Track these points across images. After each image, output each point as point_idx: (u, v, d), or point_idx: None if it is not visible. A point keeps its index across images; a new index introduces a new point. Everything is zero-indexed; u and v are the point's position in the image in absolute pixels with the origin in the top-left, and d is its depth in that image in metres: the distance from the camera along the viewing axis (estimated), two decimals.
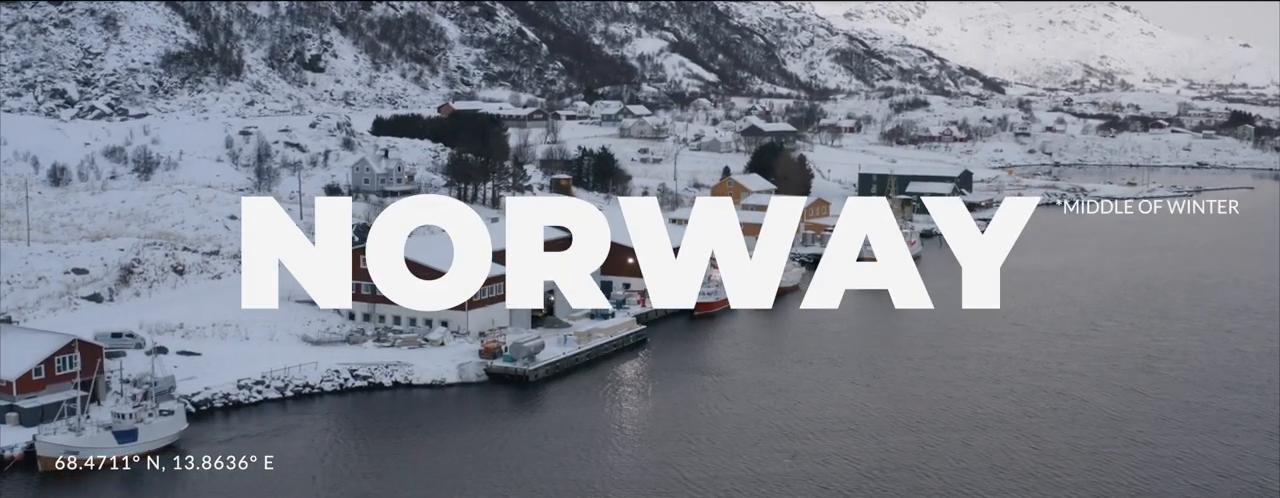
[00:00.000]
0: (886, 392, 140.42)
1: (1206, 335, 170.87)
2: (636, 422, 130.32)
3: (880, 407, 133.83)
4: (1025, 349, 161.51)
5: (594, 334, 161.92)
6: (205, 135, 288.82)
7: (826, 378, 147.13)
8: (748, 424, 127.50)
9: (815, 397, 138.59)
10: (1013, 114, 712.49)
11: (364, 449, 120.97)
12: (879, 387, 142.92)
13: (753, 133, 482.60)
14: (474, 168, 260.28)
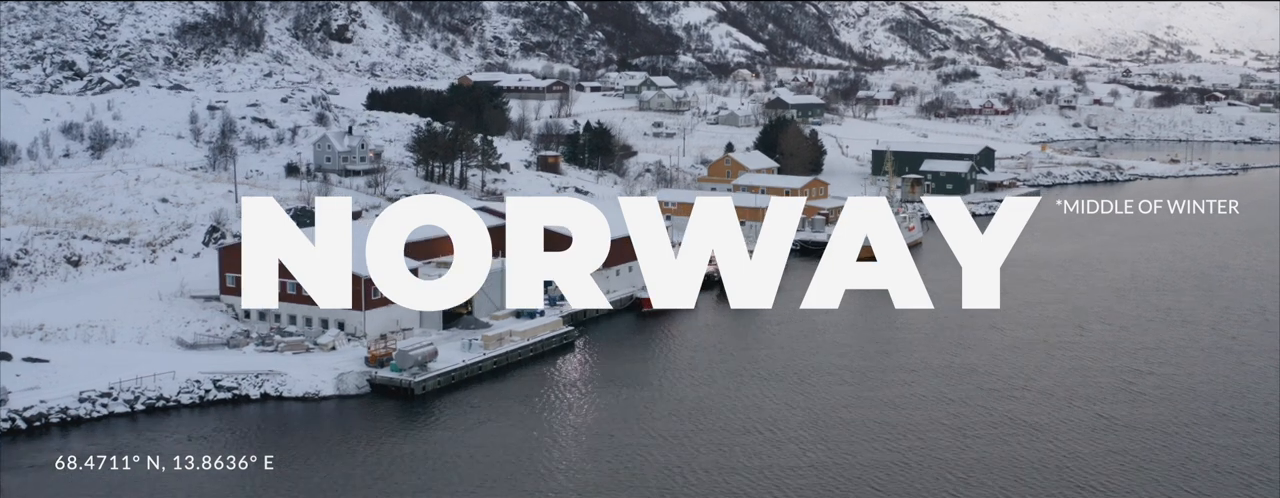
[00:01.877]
0: (806, 419, 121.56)
1: (1208, 343, 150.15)
2: (503, 454, 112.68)
3: (789, 445, 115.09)
4: (993, 360, 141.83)
5: (506, 338, 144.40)
6: (170, 111, 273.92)
7: (750, 399, 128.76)
8: (632, 461, 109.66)
9: (724, 423, 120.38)
10: (1065, 86, 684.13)
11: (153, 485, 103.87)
12: (801, 411, 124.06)
13: (777, 105, 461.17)
14: (440, 145, 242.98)
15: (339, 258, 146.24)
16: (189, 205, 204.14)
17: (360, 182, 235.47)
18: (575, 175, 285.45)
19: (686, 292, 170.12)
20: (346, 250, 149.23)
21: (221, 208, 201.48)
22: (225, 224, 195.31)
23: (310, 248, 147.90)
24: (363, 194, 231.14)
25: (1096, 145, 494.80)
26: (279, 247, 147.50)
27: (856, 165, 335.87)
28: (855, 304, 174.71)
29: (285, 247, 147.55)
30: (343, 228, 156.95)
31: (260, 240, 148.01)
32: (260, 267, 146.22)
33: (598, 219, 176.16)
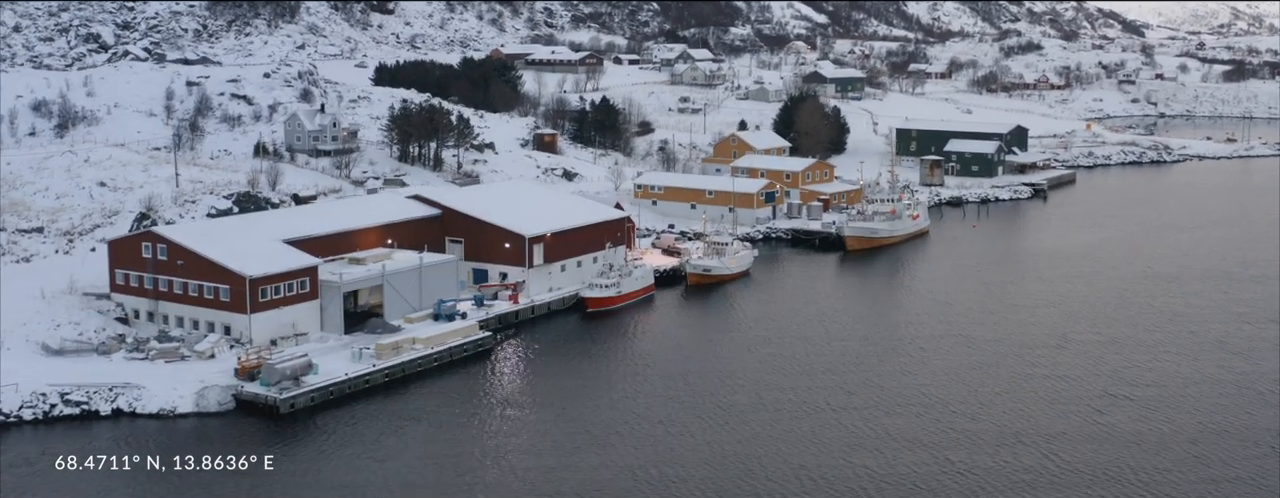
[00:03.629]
0: (696, 460, 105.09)
1: (1209, 361, 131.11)
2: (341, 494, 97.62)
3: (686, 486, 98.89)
4: (947, 380, 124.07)
5: (405, 346, 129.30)
6: (146, 87, 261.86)
7: (645, 431, 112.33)
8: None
9: (627, 458, 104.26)
10: (1132, 59, 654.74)
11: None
12: (693, 448, 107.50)
13: (814, 79, 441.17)
14: (416, 124, 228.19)
15: (223, 253, 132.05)
16: (126, 190, 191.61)
17: (325, 163, 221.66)
18: (573, 155, 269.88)
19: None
20: (238, 244, 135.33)
21: (157, 193, 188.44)
22: (157, 210, 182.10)
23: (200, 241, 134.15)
24: (326, 176, 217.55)
25: (1157, 122, 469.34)
26: (167, 239, 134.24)
27: (884, 144, 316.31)
28: (821, 309, 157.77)
29: (173, 239, 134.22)
30: (249, 220, 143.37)
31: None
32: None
33: (545, 210, 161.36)
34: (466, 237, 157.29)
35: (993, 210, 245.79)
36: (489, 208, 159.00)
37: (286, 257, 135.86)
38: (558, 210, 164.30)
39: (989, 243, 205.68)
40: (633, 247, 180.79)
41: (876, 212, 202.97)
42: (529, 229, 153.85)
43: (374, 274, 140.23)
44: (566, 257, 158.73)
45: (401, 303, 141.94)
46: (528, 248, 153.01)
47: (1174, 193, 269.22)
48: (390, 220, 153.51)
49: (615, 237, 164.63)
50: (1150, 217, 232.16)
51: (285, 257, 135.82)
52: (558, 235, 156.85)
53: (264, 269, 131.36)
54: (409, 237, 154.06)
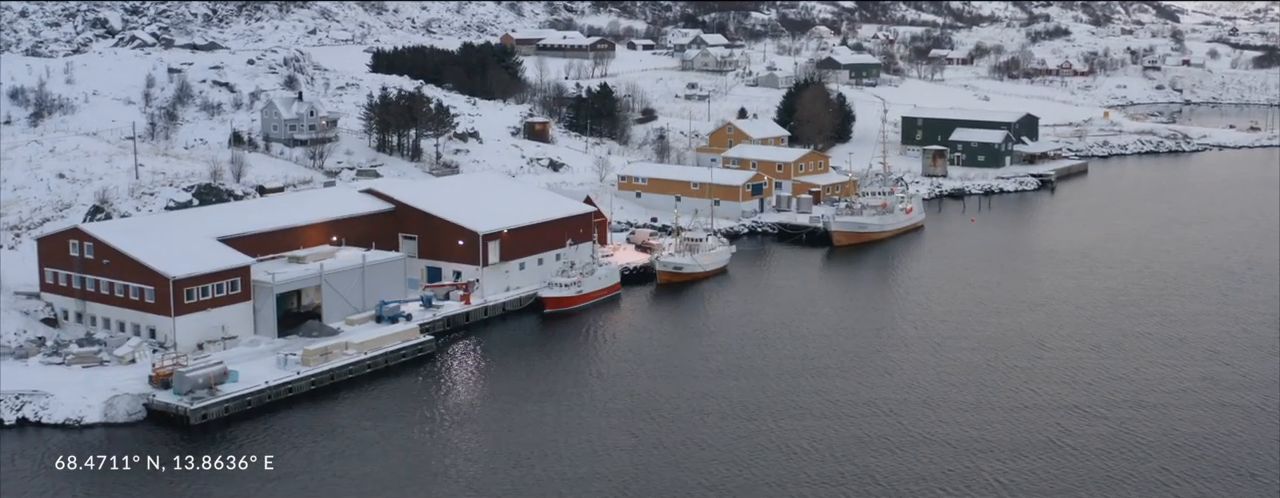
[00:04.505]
0: (627, 479, 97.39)
1: (1194, 374, 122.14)
2: None
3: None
4: (909, 396, 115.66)
5: (335, 352, 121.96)
6: (127, 75, 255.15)
7: (574, 451, 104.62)
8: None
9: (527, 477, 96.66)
10: (1162, 44, 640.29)
11: None
12: (624, 469, 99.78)
13: (828, 66, 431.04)
14: (394, 112, 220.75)
15: (148, 252, 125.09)
16: (85, 181, 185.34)
17: (298, 153, 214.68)
18: (565, 144, 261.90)
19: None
20: (168, 242, 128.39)
21: (116, 185, 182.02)
22: (112, 203, 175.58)
23: (127, 239, 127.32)
24: (299, 167, 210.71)
25: (1182, 109, 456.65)
26: (93, 237, 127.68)
27: (893, 133, 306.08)
28: (793, 311, 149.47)
29: (99, 237, 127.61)
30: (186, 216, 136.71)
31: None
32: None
33: (506, 204, 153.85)
34: (420, 233, 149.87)
35: (996, 203, 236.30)
36: (445, 202, 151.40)
37: (217, 256, 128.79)
38: (520, 205, 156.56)
39: (985, 239, 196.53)
40: (605, 242, 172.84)
41: (866, 205, 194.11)
42: (483, 225, 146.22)
43: (311, 274, 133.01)
44: (526, 254, 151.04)
45: (342, 304, 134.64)
46: (482, 245, 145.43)
47: (1188, 185, 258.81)
48: (338, 216, 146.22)
49: (579, 233, 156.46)
50: (1158, 211, 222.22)
51: (216, 256, 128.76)
52: (516, 232, 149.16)
53: (190, 269, 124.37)
54: (359, 233, 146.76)
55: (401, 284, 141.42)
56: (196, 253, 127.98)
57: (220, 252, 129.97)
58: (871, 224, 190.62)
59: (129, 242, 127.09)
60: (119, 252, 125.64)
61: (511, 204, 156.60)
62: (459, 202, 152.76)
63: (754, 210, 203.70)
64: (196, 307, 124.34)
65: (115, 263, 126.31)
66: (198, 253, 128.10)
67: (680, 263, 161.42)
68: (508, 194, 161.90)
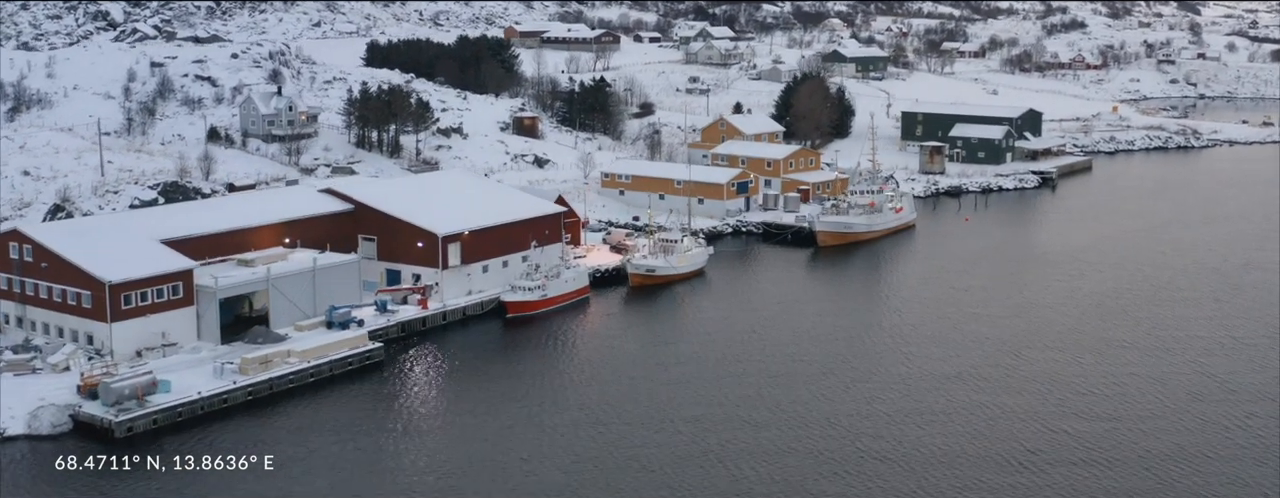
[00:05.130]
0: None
1: (1178, 386, 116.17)
2: None
3: None
4: (872, 406, 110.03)
5: (276, 360, 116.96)
6: (109, 69, 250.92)
7: (509, 472, 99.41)
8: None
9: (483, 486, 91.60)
10: (1179, 37, 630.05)
11: None
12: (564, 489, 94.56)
13: (834, 58, 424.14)
14: (373, 107, 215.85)
15: (86, 255, 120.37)
16: (50, 179, 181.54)
17: (275, 149, 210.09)
18: (555, 139, 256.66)
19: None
20: (108, 245, 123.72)
21: (80, 183, 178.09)
22: (74, 202, 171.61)
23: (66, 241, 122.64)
24: (274, 163, 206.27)
25: (1196, 103, 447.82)
26: (31, 239, 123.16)
27: (892, 128, 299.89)
28: (765, 317, 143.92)
29: (37, 239, 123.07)
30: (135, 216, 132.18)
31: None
32: None
33: (471, 204, 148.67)
34: (379, 234, 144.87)
35: (994, 201, 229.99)
36: (406, 202, 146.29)
37: (159, 259, 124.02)
38: (486, 205, 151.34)
39: (977, 240, 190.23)
40: (577, 243, 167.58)
41: (853, 204, 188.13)
42: (443, 226, 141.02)
43: (257, 278, 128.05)
44: (489, 256, 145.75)
45: (291, 309, 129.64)
46: (442, 247, 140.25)
47: (1193, 183, 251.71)
48: (292, 217, 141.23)
49: (545, 234, 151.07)
50: (1159, 210, 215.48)
51: (157, 259, 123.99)
52: (478, 233, 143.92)
53: (128, 274, 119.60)
54: (317, 234, 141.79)
55: (356, 288, 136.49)
56: (137, 256, 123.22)
57: (163, 255, 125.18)
58: (858, 224, 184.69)
59: (67, 244, 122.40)
60: (56, 255, 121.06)
61: (477, 204, 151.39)
62: (421, 202, 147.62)
63: (739, 209, 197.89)
64: (135, 312, 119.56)
65: (53, 266, 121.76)
66: (138, 256, 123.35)
67: (653, 265, 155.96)
68: (474, 194, 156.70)
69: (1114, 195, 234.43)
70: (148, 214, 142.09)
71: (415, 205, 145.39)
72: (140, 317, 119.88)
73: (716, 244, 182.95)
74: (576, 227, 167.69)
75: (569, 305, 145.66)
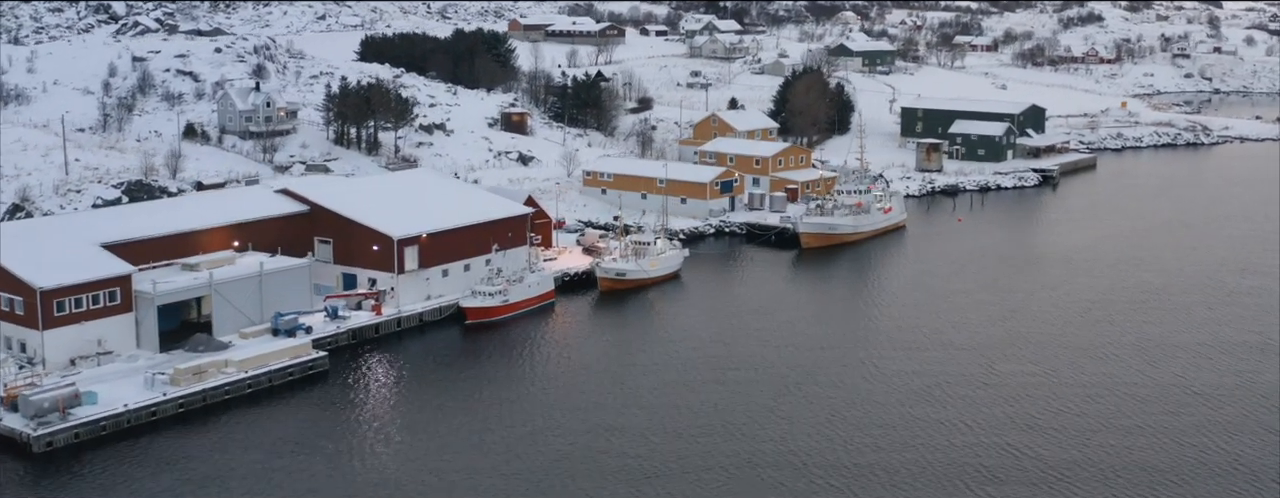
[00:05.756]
0: None
1: (1157, 407, 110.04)
2: None
3: None
4: (830, 422, 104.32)
5: (212, 371, 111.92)
6: (90, 64, 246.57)
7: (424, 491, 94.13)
8: None
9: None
10: (1197, 31, 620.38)
11: None
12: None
13: (840, 52, 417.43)
14: (353, 103, 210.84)
15: (18, 259, 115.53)
16: (13, 177, 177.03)
17: (250, 146, 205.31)
18: (542, 136, 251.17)
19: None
20: (45, 248, 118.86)
21: (43, 182, 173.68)
22: (34, 201, 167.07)
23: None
24: (249, 161, 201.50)
25: (1211, 98, 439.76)
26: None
27: (893, 124, 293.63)
28: (734, 326, 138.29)
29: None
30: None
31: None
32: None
33: (433, 205, 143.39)
34: (335, 237, 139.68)
35: (991, 201, 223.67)
36: (363, 204, 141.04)
37: (96, 264, 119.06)
38: (448, 206, 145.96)
39: (969, 241, 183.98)
40: (548, 245, 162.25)
41: (840, 204, 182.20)
42: (399, 229, 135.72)
43: (199, 283, 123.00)
44: (449, 260, 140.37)
45: (236, 316, 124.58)
46: (397, 250, 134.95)
47: (1199, 181, 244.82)
48: (244, 219, 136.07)
49: (508, 237, 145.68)
50: (1161, 210, 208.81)
51: (94, 264, 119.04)
52: (437, 236, 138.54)
53: (61, 279, 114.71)
54: (270, 237, 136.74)
55: (306, 293, 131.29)
56: (74, 261, 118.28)
57: (101, 259, 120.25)
58: (843, 225, 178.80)
59: (2, 248, 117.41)
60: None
61: (439, 206, 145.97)
62: (379, 203, 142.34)
63: (723, 209, 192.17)
64: (69, 320, 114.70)
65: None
66: (75, 261, 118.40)
67: (623, 269, 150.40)
68: (438, 195, 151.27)
69: (1116, 194, 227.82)
70: (94, 216, 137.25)
71: (373, 207, 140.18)
72: (75, 324, 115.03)
73: (698, 246, 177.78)
74: (547, 228, 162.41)
75: (533, 311, 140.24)
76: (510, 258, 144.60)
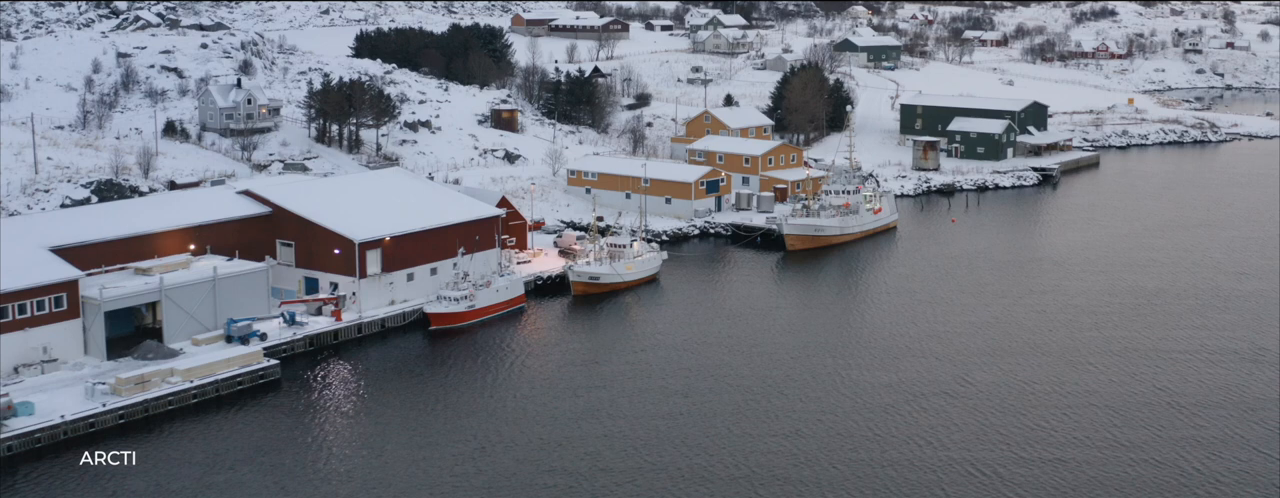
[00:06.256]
0: None
1: (1135, 430, 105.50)
2: None
3: None
4: (760, 472, 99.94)
5: (157, 380, 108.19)
6: (75, 60, 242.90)
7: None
8: None
9: None
10: (1211, 25, 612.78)
11: None
12: None
13: (845, 47, 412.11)
14: (333, 100, 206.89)
15: None
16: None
17: (228, 144, 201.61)
18: (532, 133, 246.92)
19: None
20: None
21: (9, 181, 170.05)
22: (0, 201, 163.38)
23: None
24: (226, 159, 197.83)
25: (1223, 95, 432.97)
26: None
27: (893, 121, 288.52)
28: (707, 332, 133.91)
29: None
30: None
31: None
32: None
33: (398, 207, 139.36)
34: (297, 240, 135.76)
35: (988, 201, 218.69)
36: (326, 206, 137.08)
37: (42, 268, 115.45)
38: (415, 208, 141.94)
39: (960, 243, 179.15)
40: (523, 247, 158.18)
41: (827, 205, 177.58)
42: (361, 232, 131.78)
43: (149, 289, 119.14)
44: (414, 263, 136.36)
45: (188, 322, 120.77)
46: (359, 254, 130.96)
47: (1202, 180, 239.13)
48: (203, 221, 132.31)
49: (476, 240, 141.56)
50: (1161, 210, 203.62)
51: (40, 268, 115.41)
52: (401, 239, 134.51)
53: (4, 284, 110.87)
54: (230, 239, 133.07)
55: (264, 298, 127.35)
56: (19, 265, 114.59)
57: (48, 263, 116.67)
58: (830, 226, 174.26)
59: None
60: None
61: (406, 207, 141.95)
62: (343, 204, 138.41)
63: (708, 209, 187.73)
64: (12, 326, 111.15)
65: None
66: (21, 265, 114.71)
67: (596, 272, 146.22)
68: (406, 196, 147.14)
69: (1116, 194, 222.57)
70: (49, 218, 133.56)
71: (336, 208, 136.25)
72: (18, 331, 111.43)
73: (682, 247, 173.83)
74: (522, 229, 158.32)
75: (501, 316, 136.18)
76: (480, 261, 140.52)
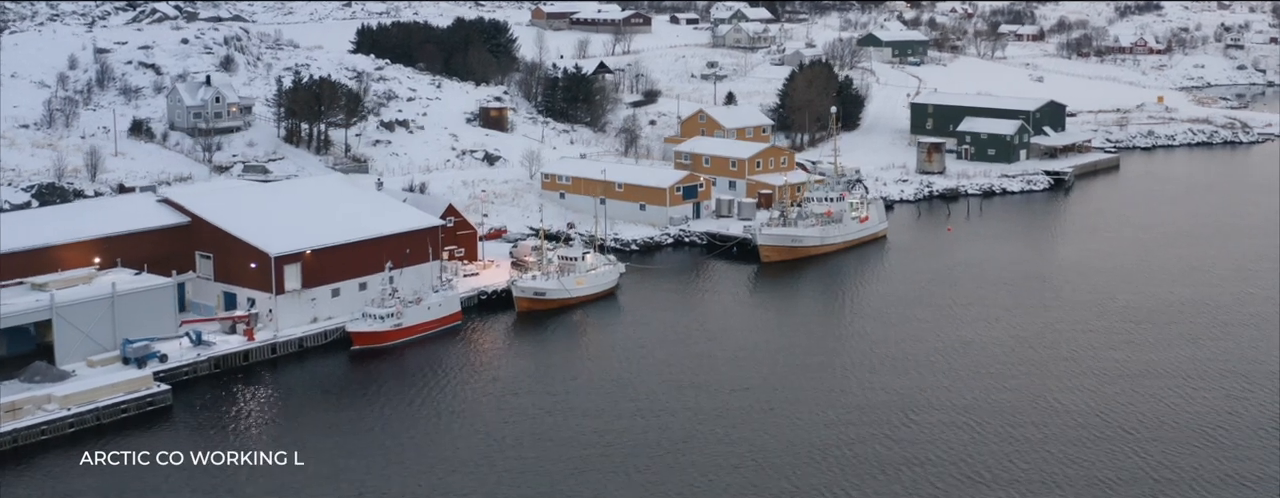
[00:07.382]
0: None
1: (1111, 467, 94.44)
2: None
3: None
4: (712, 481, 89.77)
5: (21, 407, 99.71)
6: (54, 56, 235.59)
7: None
8: None
9: None
10: (1260, 19, 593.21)
11: None
12: None
13: (868, 42, 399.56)
14: (302, 99, 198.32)
15: None
16: None
17: (191, 144, 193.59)
18: (522, 133, 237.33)
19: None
20: None
21: None
22: None
23: None
24: (188, 160, 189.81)
25: (1264, 91, 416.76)
26: None
27: (907, 120, 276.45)
28: (660, 356, 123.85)
29: None
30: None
31: None
32: None
33: (325, 217, 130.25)
34: (216, 252, 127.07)
35: (994, 207, 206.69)
36: (246, 215, 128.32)
37: None
38: (345, 218, 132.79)
39: (953, 255, 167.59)
40: (473, 258, 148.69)
41: (806, 213, 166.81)
42: (279, 245, 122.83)
43: (39, 306, 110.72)
44: (339, 278, 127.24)
45: (84, 341, 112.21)
46: (275, 268, 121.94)
47: (1224, 185, 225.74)
48: (116, 231, 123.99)
49: (407, 254, 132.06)
50: (1174, 219, 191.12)
51: None
52: (323, 253, 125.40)
53: None
54: (145, 251, 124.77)
55: (172, 316, 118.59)
56: None
57: None
58: (808, 236, 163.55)
59: None
60: None
61: (335, 217, 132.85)
62: (267, 214, 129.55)
63: (685, 216, 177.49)
64: None
65: None
66: None
67: (542, 287, 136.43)
68: (338, 205, 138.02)
69: (1131, 200, 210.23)
70: None
71: (258, 219, 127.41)
72: None
73: (653, 258, 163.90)
74: (472, 240, 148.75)
75: (432, 335, 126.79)
76: (416, 276, 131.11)
